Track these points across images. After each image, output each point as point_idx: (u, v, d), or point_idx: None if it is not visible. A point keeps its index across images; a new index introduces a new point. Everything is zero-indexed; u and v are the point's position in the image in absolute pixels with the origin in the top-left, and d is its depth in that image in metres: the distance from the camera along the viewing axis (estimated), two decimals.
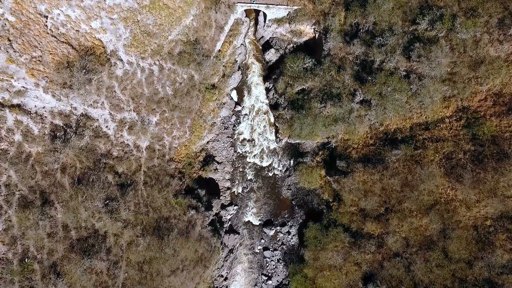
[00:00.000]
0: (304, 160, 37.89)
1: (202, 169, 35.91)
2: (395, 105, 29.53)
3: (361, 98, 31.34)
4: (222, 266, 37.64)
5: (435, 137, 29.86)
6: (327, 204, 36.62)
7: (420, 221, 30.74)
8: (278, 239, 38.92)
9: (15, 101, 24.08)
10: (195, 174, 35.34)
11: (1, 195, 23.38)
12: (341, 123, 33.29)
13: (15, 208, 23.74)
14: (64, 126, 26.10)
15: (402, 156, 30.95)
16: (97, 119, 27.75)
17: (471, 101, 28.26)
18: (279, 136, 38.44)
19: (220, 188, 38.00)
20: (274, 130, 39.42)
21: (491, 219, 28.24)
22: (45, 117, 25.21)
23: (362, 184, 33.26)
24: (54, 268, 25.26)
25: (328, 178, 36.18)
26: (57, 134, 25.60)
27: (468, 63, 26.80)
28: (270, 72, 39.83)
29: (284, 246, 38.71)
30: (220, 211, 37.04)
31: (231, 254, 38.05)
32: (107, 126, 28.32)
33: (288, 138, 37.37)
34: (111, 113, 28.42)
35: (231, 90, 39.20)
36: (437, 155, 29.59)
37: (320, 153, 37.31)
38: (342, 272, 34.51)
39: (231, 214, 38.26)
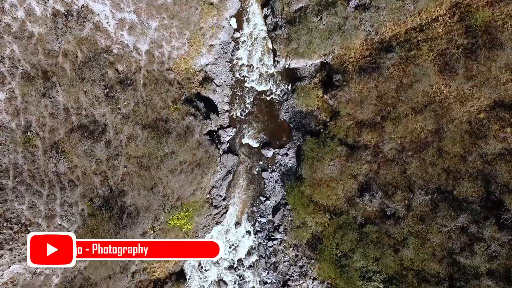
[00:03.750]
0: (302, 83, 38.46)
1: (201, 85, 36.64)
2: (389, 4, 30.09)
3: (355, 3, 31.92)
4: (221, 185, 38.29)
5: (429, 37, 30.29)
6: (324, 124, 37.18)
7: (415, 123, 31.12)
8: (276, 161, 39.48)
9: None
10: (194, 90, 36.08)
11: (5, 66, 24.30)
12: (337, 34, 33.87)
13: (18, 81, 24.63)
14: (66, 13, 26.98)
15: (397, 59, 31.43)
16: (98, 14, 28.60)
17: None
18: (277, 59, 39.02)
19: (219, 110, 38.67)
20: (272, 55, 40.03)
21: (485, 112, 28.56)
22: (47, 0, 26.17)
23: (358, 94, 33.75)
24: (56, 148, 26.10)
25: (325, 97, 36.74)
26: (59, 19, 26.49)
27: None
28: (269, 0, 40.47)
29: (282, 168, 39.24)
30: (219, 129, 37.72)
31: (229, 174, 38.70)
32: (107, 22, 29.16)
33: (286, 58, 37.95)
34: (111, 11, 29.26)
35: (230, 17, 39.90)
36: (431, 54, 29.99)
37: (318, 75, 37.86)
38: (339, 187, 34.91)
39: (229, 136, 38.92)
